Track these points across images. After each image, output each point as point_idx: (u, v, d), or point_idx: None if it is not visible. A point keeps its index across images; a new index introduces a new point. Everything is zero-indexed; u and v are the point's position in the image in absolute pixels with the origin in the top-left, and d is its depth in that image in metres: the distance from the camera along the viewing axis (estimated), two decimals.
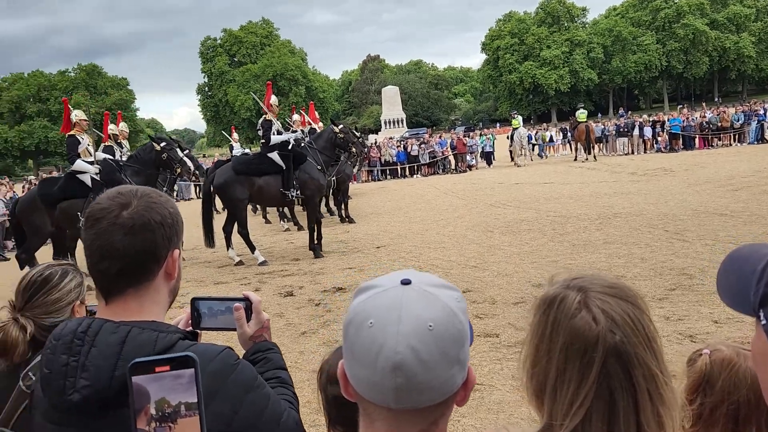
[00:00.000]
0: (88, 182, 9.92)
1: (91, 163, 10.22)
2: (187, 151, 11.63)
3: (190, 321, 1.54)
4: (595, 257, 8.53)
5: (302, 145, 11.43)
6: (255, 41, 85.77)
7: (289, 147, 10.99)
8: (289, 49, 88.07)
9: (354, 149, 11.87)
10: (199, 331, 1.54)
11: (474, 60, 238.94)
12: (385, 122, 73.14)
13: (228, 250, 10.97)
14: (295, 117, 16.39)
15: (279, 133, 11.32)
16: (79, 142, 10.28)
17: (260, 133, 11.61)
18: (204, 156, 46.27)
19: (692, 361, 1.59)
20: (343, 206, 15.19)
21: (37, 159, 79.85)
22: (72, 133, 10.37)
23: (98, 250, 1.27)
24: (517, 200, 15.38)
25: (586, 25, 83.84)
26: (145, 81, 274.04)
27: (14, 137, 74.93)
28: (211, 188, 10.86)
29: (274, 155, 10.89)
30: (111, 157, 10.79)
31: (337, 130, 11.41)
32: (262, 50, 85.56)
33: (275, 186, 10.80)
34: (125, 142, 12.96)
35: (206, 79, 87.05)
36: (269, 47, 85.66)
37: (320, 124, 20.31)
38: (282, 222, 15.53)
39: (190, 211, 20.72)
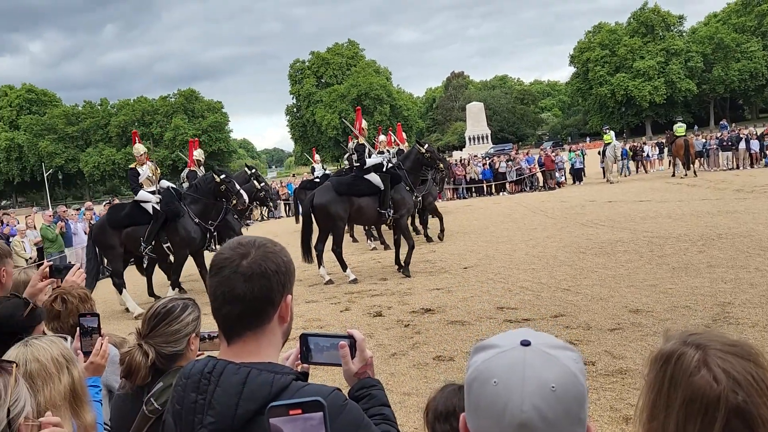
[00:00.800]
0: (150, 210, 10.64)
1: (153, 192, 10.92)
2: (264, 184, 12.22)
3: (299, 355, 1.63)
4: (698, 282, 8.08)
5: (390, 166, 11.71)
6: (341, 62, 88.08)
7: (384, 169, 11.35)
8: (374, 68, 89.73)
9: (441, 164, 12.13)
10: (308, 365, 1.64)
11: (562, 73, 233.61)
12: (470, 139, 72.79)
13: (319, 268, 11.25)
14: (382, 138, 16.64)
15: (369, 155, 11.80)
16: (139, 174, 11.08)
17: (354, 156, 12.02)
18: (293, 175, 47.78)
19: None
20: (422, 224, 15.49)
21: None
22: (132, 166, 11.27)
23: (221, 295, 1.39)
24: (610, 219, 14.83)
25: (684, 34, 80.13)
26: (238, 103, 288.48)
27: (121, 159, 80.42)
28: (312, 207, 11.21)
29: (373, 176, 11.27)
30: (173, 186, 11.43)
31: (423, 149, 11.69)
32: (348, 71, 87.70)
33: (373, 206, 11.19)
34: (199, 170, 13.75)
35: (295, 100, 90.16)
36: (355, 68, 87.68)
37: (406, 144, 20.60)
38: (369, 241, 15.75)
39: (281, 229, 21.43)
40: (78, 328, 2.39)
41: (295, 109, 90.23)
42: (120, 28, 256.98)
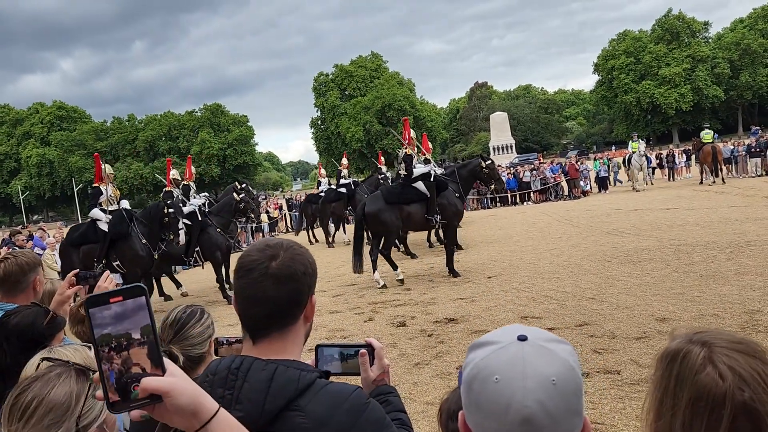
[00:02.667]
0: (103, 228, 11.12)
1: (105, 212, 11.39)
2: (244, 195, 13.03)
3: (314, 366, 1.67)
4: (726, 290, 7.93)
5: (440, 173, 12.43)
6: (365, 74, 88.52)
7: (431, 178, 11.80)
8: (398, 80, 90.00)
9: (496, 184, 12.70)
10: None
11: (586, 82, 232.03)
12: (494, 149, 72.47)
13: (374, 273, 11.50)
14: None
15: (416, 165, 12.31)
16: (102, 193, 11.58)
17: (403, 165, 12.54)
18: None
19: None
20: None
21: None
22: (96, 185, 11.74)
23: (250, 297, 1.42)
24: (636, 228, 14.64)
25: (709, 40, 78.97)
26: (263, 117, 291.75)
27: (148, 173, 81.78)
28: (363, 216, 11.69)
29: (419, 185, 11.78)
30: (127, 208, 11.78)
31: (483, 165, 12.21)
32: (371, 83, 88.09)
33: (421, 212, 11.67)
34: (193, 185, 14.15)
35: (319, 113, 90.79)
36: (378, 80, 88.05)
37: (429, 145, 20.60)
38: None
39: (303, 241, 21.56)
40: None
41: (319, 122, 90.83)
42: (148, 44, 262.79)
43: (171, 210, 11.14)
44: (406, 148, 12.66)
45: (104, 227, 11.15)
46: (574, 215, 19.41)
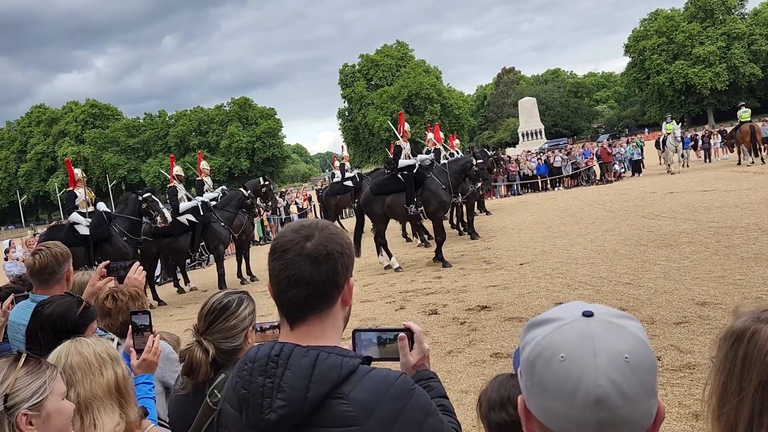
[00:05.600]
0: (83, 232, 11.40)
1: (84, 215, 11.71)
2: (266, 189, 13.99)
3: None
4: None
5: (430, 167, 12.79)
6: (391, 64, 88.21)
7: (414, 170, 12.37)
8: (424, 68, 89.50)
9: (481, 184, 13.32)
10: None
11: (618, 64, 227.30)
12: (523, 134, 71.71)
13: (390, 258, 12.46)
14: (429, 135, 16.68)
15: (408, 157, 12.82)
16: (77, 196, 11.91)
17: (392, 156, 13.40)
18: None
19: None
20: (458, 221, 16.75)
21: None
22: (71, 189, 12.04)
23: (286, 279, 1.35)
24: (672, 211, 14.27)
25: (746, 17, 76.52)
26: (291, 109, 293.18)
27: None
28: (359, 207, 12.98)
29: (401, 175, 12.48)
30: (106, 210, 12.02)
31: (474, 162, 12.59)
32: (397, 72, 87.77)
33: (401, 202, 12.27)
34: (208, 179, 14.23)
35: (346, 104, 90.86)
36: (404, 68, 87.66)
37: (456, 141, 20.45)
38: (415, 237, 15.91)
39: None
40: (130, 326, 2.43)
41: (346, 113, 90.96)
42: (179, 39, 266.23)
43: (147, 194, 11.67)
44: (398, 141, 13.13)
45: (84, 231, 11.46)
46: (608, 200, 19.03)
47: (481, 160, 12.83)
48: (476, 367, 6.02)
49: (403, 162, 12.53)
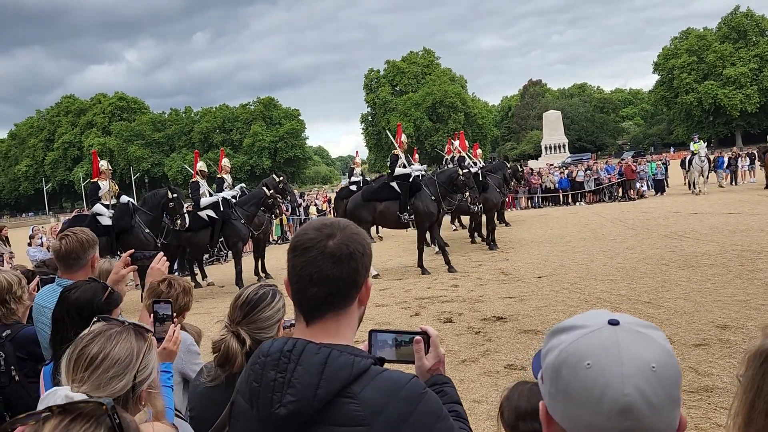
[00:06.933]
0: (105, 223, 11.54)
1: (107, 206, 11.85)
2: (273, 191, 13.57)
3: (368, 352, 1.60)
4: None
5: (421, 177, 13.15)
6: (416, 71, 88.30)
7: (410, 179, 12.70)
8: (449, 76, 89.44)
9: (468, 193, 13.33)
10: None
11: (646, 81, 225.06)
12: (546, 147, 71.25)
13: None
14: (456, 144, 16.69)
15: (403, 166, 13.27)
16: (99, 188, 12.04)
17: (389, 165, 13.70)
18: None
19: None
20: (473, 230, 16.90)
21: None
22: (94, 180, 12.15)
23: (308, 276, 1.35)
24: (695, 231, 14.07)
25: None
26: (315, 111, 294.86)
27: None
28: (345, 212, 12.82)
29: (395, 184, 12.76)
30: (132, 201, 12.26)
31: (460, 172, 12.92)
32: (423, 79, 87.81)
33: (393, 210, 12.56)
34: (228, 177, 14.33)
35: (369, 109, 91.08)
36: (430, 76, 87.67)
37: (479, 151, 20.43)
38: (433, 245, 15.83)
39: None
40: (152, 315, 2.45)
41: (369, 117, 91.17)
42: (210, 35, 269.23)
43: (175, 195, 11.73)
44: (395, 150, 13.58)
45: (107, 221, 11.61)
46: (629, 217, 18.82)
47: (466, 170, 13.21)
48: (490, 377, 5.99)
49: (398, 171, 13.04)
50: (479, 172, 15.89)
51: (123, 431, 0.97)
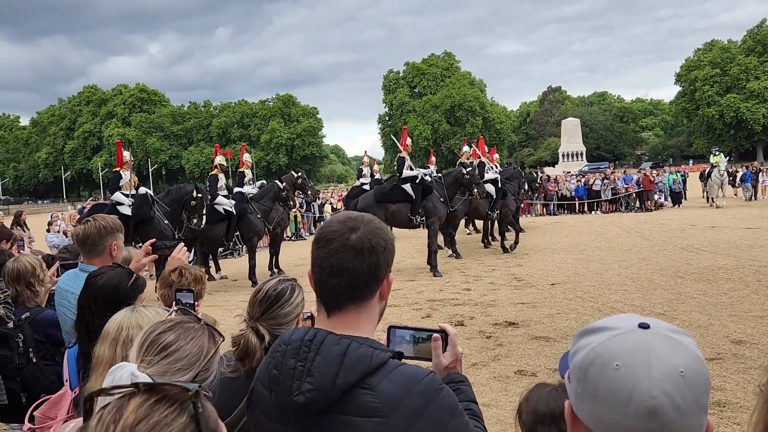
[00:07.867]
0: (125, 212, 11.62)
1: (127, 196, 12.02)
2: (285, 185, 13.53)
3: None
4: None
5: (429, 179, 13.40)
6: (436, 73, 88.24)
7: (418, 181, 12.92)
8: (469, 80, 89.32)
9: (476, 190, 13.21)
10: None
11: (668, 92, 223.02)
12: (563, 155, 70.83)
13: None
14: (465, 148, 16.64)
15: (411, 168, 13.47)
16: (122, 177, 12.25)
17: (395, 167, 13.87)
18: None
19: None
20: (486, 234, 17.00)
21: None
22: (117, 169, 12.40)
23: (329, 268, 1.38)
24: (712, 245, 13.93)
25: None
26: (333, 109, 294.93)
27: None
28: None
29: (407, 186, 12.92)
30: (150, 193, 12.45)
31: (464, 171, 13.15)
32: (442, 82, 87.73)
33: (405, 212, 12.78)
34: (248, 171, 14.43)
35: (387, 110, 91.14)
36: (449, 79, 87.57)
37: (496, 155, 20.38)
38: (446, 248, 15.81)
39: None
40: (174, 303, 2.47)
41: (387, 118, 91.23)
42: (232, 31, 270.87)
43: (199, 195, 11.78)
44: (402, 153, 13.72)
45: (126, 211, 11.73)
46: (646, 228, 18.67)
47: (470, 168, 13.45)
48: (499, 382, 5.97)
49: (406, 173, 13.23)
50: (497, 178, 15.93)
51: (203, 422, 0.96)
